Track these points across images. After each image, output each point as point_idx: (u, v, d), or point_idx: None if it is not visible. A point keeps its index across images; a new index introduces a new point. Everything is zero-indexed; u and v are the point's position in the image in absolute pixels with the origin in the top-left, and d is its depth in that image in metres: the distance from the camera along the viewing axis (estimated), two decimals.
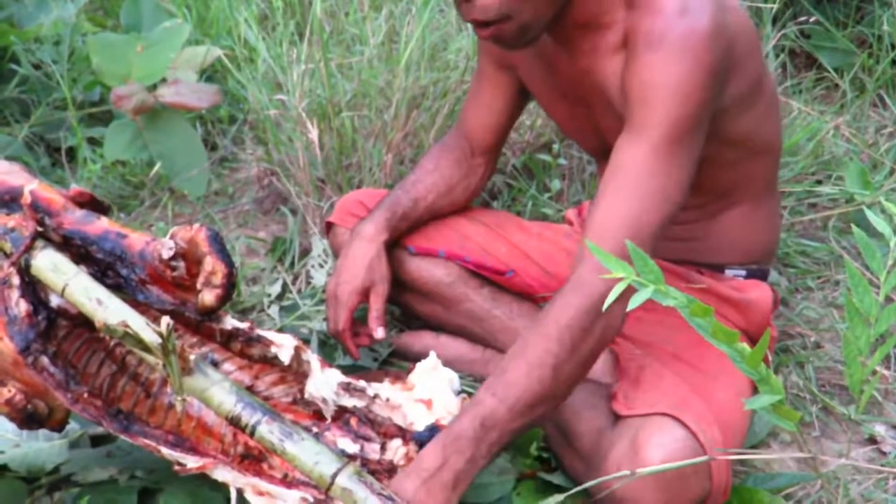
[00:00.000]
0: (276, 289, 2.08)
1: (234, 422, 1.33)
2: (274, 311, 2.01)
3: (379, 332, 1.69)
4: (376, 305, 1.70)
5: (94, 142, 2.57)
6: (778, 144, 1.61)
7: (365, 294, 1.71)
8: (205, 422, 1.46)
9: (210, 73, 2.76)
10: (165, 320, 1.25)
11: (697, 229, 1.63)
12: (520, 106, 1.79)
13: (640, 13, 1.37)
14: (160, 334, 1.26)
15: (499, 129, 1.79)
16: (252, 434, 1.32)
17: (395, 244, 1.79)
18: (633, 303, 1.00)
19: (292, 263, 2.17)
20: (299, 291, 2.09)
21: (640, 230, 1.33)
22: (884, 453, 1.66)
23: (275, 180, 2.39)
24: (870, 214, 1.17)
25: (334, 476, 1.29)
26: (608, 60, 1.45)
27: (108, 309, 1.33)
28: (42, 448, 1.56)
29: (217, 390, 1.33)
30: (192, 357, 1.32)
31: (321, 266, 2.11)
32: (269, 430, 1.32)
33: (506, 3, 1.34)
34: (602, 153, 1.64)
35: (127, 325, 1.27)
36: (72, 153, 2.55)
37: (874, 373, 1.77)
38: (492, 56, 1.71)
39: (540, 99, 1.71)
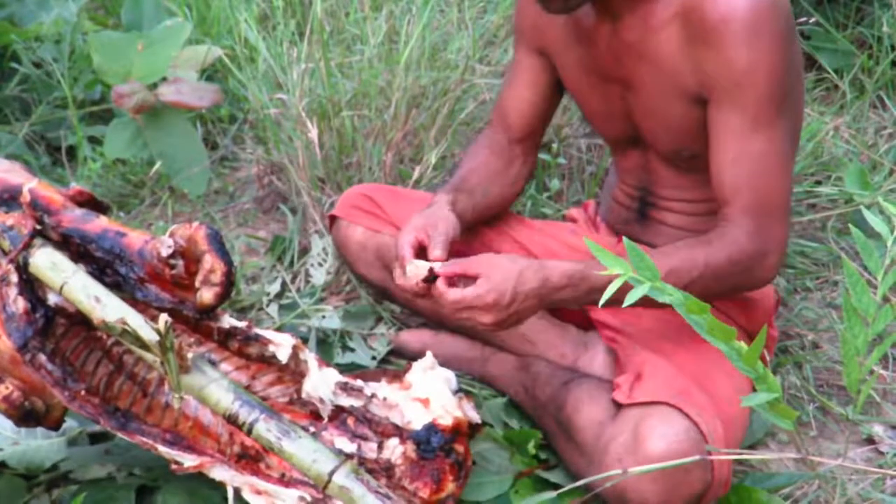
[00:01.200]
0: (275, 287, 2.08)
1: (231, 420, 1.33)
2: (273, 309, 2.01)
3: (437, 252, 1.49)
4: (437, 239, 1.51)
5: (94, 140, 2.58)
6: (798, 136, 1.63)
7: (425, 231, 1.53)
8: (201, 422, 1.46)
9: (210, 73, 2.76)
10: (164, 318, 1.26)
11: (704, 222, 1.63)
12: (555, 96, 1.76)
13: None
14: (158, 332, 1.26)
15: (535, 117, 1.76)
16: (249, 432, 1.33)
17: None
18: (629, 300, 1.00)
19: (291, 262, 2.18)
20: (298, 290, 2.09)
21: (771, 198, 1.45)
22: (881, 453, 1.66)
23: (275, 179, 2.39)
24: (867, 214, 1.17)
25: (331, 474, 1.29)
26: (659, 34, 1.46)
27: (106, 307, 1.34)
28: (40, 445, 1.56)
29: (215, 388, 1.34)
30: (189, 355, 1.33)
31: (320, 265, 2.11)
32: (266, 428, 1.32)
33: None
34: (627, 140, 1.64)
35: (125, 323, 1.27)
36: (72, 152, 2.55)
37: (871, 372, 1.77)
38: (527, 41, 1.70)
39: (571, 82, 1.69)
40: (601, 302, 1.04)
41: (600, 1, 1.49)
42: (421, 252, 1.51)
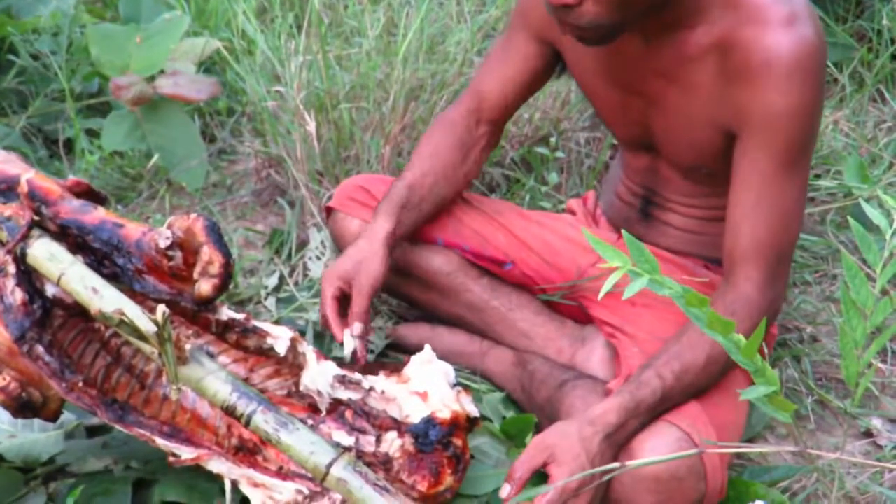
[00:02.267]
0: (273, 281, 2.08)
1: (229, 411, 1.33)
2: (271, 302, 2.01)
3: (355, 329, 1.56)
4: (357, 300, 1.59)
5: (91, 133, 2.57)
6: None
7: (348, 283, 1.61)
8: (199, 414, 1.46)
9: (208, 65, 2.75)
10: (161, 308, 1.25)
11: (708, 225, 1.63)
12: (541, 82, 1.75)
13: (740, 18, 1.37)
14: (156, 322, 1.26)
15: (515, 99, 1.75)
16: (247, 424, 1.32)
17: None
18: (629, 292, 1.00)
19: (290, 255, 2.17)
20: (296, 283, 2.09)
21: (784, 243, 1.44)
22: (880, 447, 1.67)
23: (273, 172, 2.39)
24: (866, 207, 1.17)
25: (329, 466, 1.29)
26: (698, 63, 1.44)
27: (103, 298, 1.33)
28: (37, 439, 1.55)
29: (212, 380, 1.33)
30: (187, 346, 1.32)
31: (318, 258, 2.11)
32: (264, 420, 1.32)
33: (602, 14, 1.33)
34: (640, 145, 1.63)
35: (122, 313, 1.27)
36: (69, 144, 2.54)
37: (870, 365, 1.77)
38: (531, 28, 1.66)
39: (584, 81, 1.67)
40: (600, 295, 1.03)
41: (637, 25, 1.45)
42: (344, 300, 1.61)
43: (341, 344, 1.58)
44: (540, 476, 1.56)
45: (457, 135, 1.75)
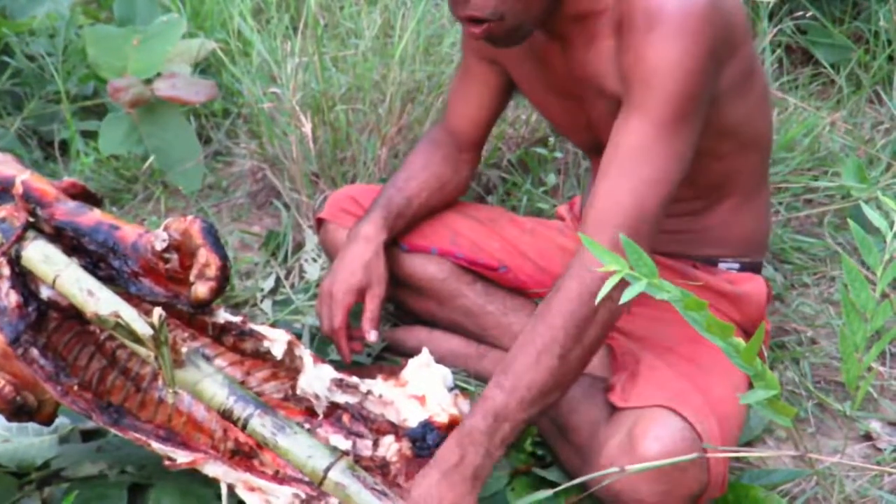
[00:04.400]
0: (269, 283, 2.07)
1: (226, 415, 1.32)
2: (267, 305, 2.00)
3: (371, 336, 1.65)
4: (372, 306, 1.67)
5: (87, 135, 2.56)
6: (769, 138, 1.60)
7: (361, 294, 1.67)
8: (195, 417, 1.45)
9: (204, 67, 2.75)
10: (157, 311, 1.24)
11: (690, 222, 1.63)
12: (506, 99, 1.76)
13: None
14: (152, 325, 1.25)
15: (485, 123, 1.77)
16: (244, 427, 1.31)
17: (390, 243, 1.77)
18: (626, 296, 0.99)
19: (286, 258, 2.17)
20: (292, 286, 2.08)
21: (643, 215, 1.33)
22: (879, 450, 1.66)
23: (269, 174, 2.38)
24: (866, 209, 1.16)
25: (327, 470, 1.28)
26: (601, 47, 1.42)
27: (99, 300, 1.32)
28: (32, 443, 1.55)
29: (209, 383, 1.32)
30: (184, 349, 1.32)
31: (314, 260, 2.10)
32: (261, 424, 1.31)
33: (501, 1, 1.33)
34: (594, 149, 1.63)
35: (118, 316, 1.26)
36: (65, 146, 2.54)
37: (870, 369, 1.77)
38: (477, 51, 1.68)
39: (531, 96, 1.69)
40: (598, 297, 1.02)
41: (547, 25, 1.46)
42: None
43: (346, 363, 1.66)
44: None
45: (443, 151, 1.79)
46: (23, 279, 1.40)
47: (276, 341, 1.45)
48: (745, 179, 1.59)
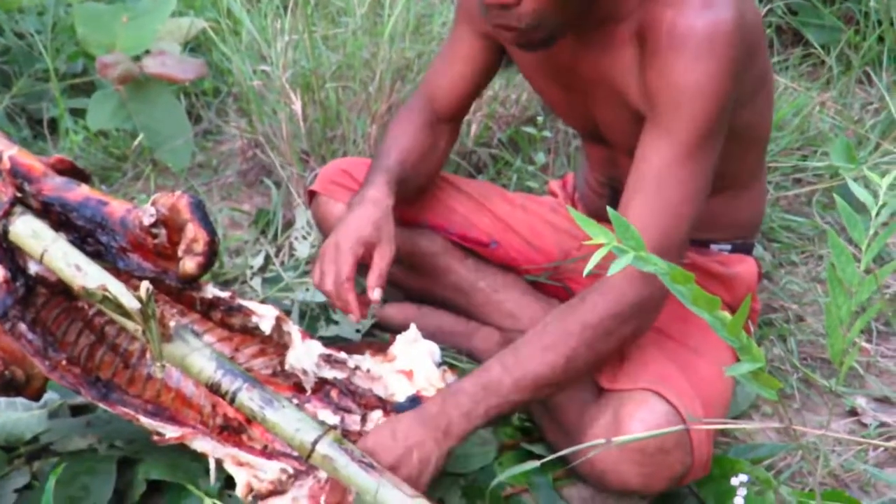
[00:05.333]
0: (258, 261, 2.07)
1: (214, 389, 1.32)
2: (256, 282, 2.00)
3: (376, 294, 1.52)
4: (381, 264, 1.54)
5: (76, 113, 2.55)
6: (769, 131, 1.60)
7: (369, 248, 1.55)
8: (183, 393, 1.45)
9: (194, 45, 2.74)
10: (145, 285, 1.24)
11: None
12: (491, 76, 1.73)
13: (658, 5, 1.33)
14: (139, 299, 1.25)
15: (466, 96, 1.73)
16: (232, 401, 1.32)
17: None
18: (613, 269, 0.99)
19: (276, 236, 2.17)
20: (282, 264, 2.08)
21: (673, 236, 1.36)
22: (865, 425, 1.67)
23: (258, 153, 2.38)
24: (852, 185, 1.17)
25: (315, 443, 1.28)
26: (619, 53, 1.41)
27: (87, 275, 1.32)
28: (21, 418, 1.55)
29: (197, 357, 1.32)
30: (171, 323, 1.32)
31: (304, 238, 2.10)
32: (249, 398, 1.31)
33: (541, 12, 1.31)
34: (590, 134, 1.63)
35: (106, 289, 1.26)
36: (54, 124, 2.53)
37: (854, 343, 1.78)
38: (473, 23, 1.65)
39: (530, 78, 1.67)
40: (585, 271, 1.02)
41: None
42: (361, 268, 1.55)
43: (356, 319, 1.53)
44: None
45: (422, 125, 1.74)
46: (10, 254, 1.39)
47: (265, 317, 1.45)
48: (743, 172, 1.59)
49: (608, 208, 1.07)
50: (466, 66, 1.69)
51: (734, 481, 1.14)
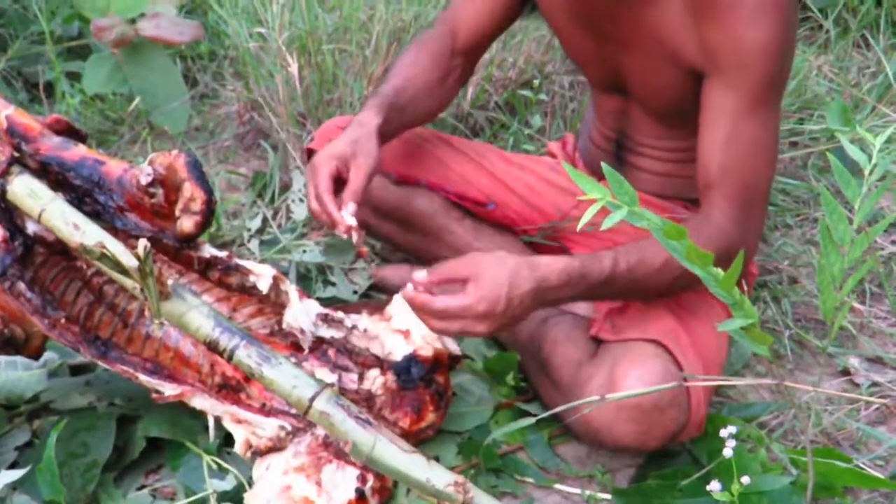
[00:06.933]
0: (256, 223, 2.08)
1: (211, 346, 1.33)
2: (254, 244, 2.01)
3: (350, 208, 1.45)
4: (356, 178, 1.48)
5: (72, 76, 2.55)
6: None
7: (344, 163, 1.50)
8: (182, 352, 1.46)
9: (190, 8, 2.73)
10: (143, 242, 1.25)
11: (683, 167, 1.62)
12: (516, 15, 1.71)
13: None
14: (137, 257, 1.25)
15: (488, 33, 1.72)
16: (230, 358, 1.33)
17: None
18: (608, 223, 1.00)
19: (273, 198, 2.17)
20: (279, 226, 2.08)
21: (755, 190, 1.42)
22: (857, 385, 1.68)
23: (255, 116, 2.38)
24: (847, 145, 1.18)
25: (312, 399, 1.30)
26: (668, 6, 1.41)
27: (85, 234, 1.33)
28: (21, 377, 1.56)
29: (195, 314, 1.33)
30: (169, 281, 1.32)
31: (301, 201, 2.11)
32: (246, 355, 1.32)
33: None
34: (611, 87, 1.62)
35: (104, 247, 1.26)
36: (50, 88, 2.52)
37: (845, 302, 1.79)
38: None
39: (555, 23, 1.64)
40: (580, 225, 1.03)
41: None
42: (337, 184, 1.49)
43: (335, 231, 1.48)
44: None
45: (435, 55, 1.70)
46: (8, 214, 1.40)
47: (262, 276, 1.46)
48: None
49: (603, 165, 1.08)
50: (491, 3, 1.67)
51: (723, 433, 1.15)
